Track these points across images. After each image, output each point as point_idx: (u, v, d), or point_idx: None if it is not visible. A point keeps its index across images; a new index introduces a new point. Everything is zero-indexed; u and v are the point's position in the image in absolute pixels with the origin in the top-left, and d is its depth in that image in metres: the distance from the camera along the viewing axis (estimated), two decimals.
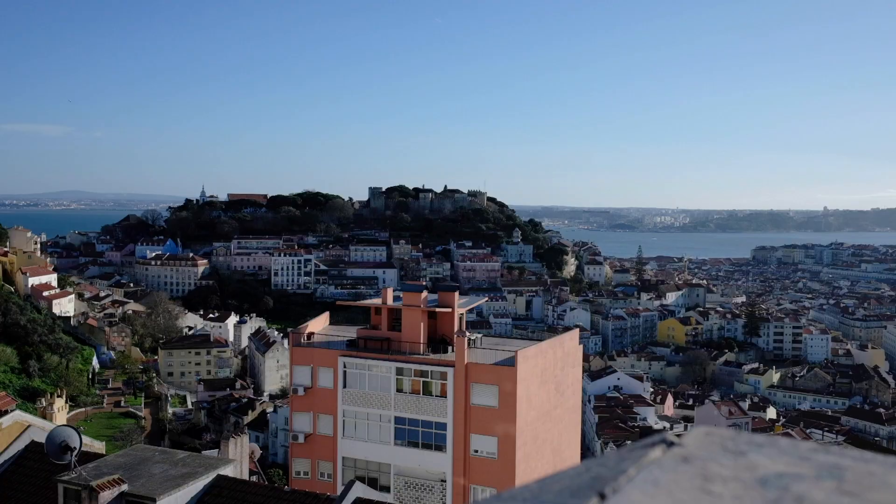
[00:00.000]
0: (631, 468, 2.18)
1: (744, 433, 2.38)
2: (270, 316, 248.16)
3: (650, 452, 2.29)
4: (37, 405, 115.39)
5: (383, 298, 53.64)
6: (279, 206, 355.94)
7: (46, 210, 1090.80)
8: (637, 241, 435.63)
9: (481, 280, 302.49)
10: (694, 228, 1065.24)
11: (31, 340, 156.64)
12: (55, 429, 21.12)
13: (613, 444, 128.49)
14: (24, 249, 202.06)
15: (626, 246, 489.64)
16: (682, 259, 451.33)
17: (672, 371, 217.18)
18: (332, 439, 51.56)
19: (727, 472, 2.16)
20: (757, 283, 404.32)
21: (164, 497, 19.19)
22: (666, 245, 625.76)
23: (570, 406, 55.84)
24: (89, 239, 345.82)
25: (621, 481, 2.11)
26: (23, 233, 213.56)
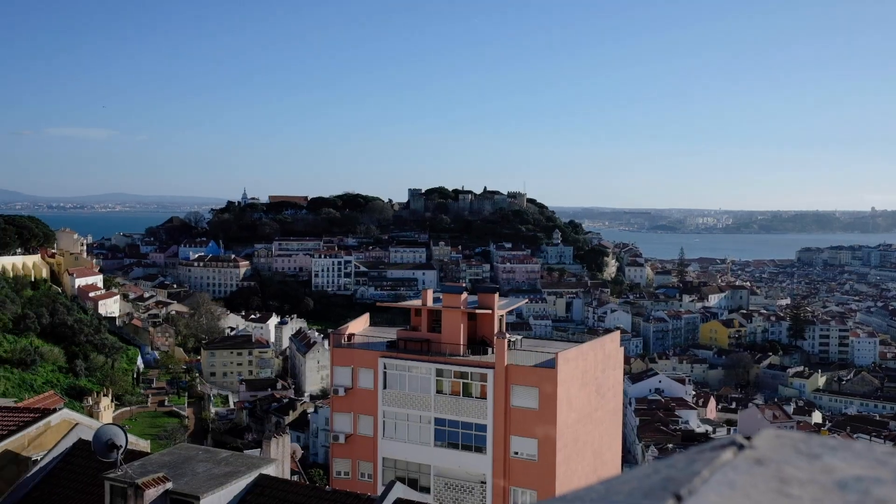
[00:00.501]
0: (704, 470, 2.16)
1: (815, 436, 2.35)
2: (311, 317, 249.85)
3: (721, 454, 2.26)
4: (83, 404, 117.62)
5: (423, 300, 53.67)
6: (319, 207, 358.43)
7: (92, 212, 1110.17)
8: (679, 243, 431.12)
9: (521, 282, 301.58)
10: (737, 230, 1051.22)
11: (77, 340, 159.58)
12: (102, 427, 21.44)
13: (655, 447, 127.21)
14: (70, 251, 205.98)
15: (667, 247, 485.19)
16: (725, 260, 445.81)
17: (714, 374, 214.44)
18: (372, 440, 51.73)
19: (804, 475, 2.12)
20: (802, 285, 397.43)
21: (207, 495, 19.37)
22: (708, 246, 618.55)
23: (611, 408, 55.40)
24: (134, 241, 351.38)
25: (696, 483, 2.09)
26: (69, 235, 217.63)
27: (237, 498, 20.32)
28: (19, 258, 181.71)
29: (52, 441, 24.78)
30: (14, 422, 25.50)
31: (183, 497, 19.21)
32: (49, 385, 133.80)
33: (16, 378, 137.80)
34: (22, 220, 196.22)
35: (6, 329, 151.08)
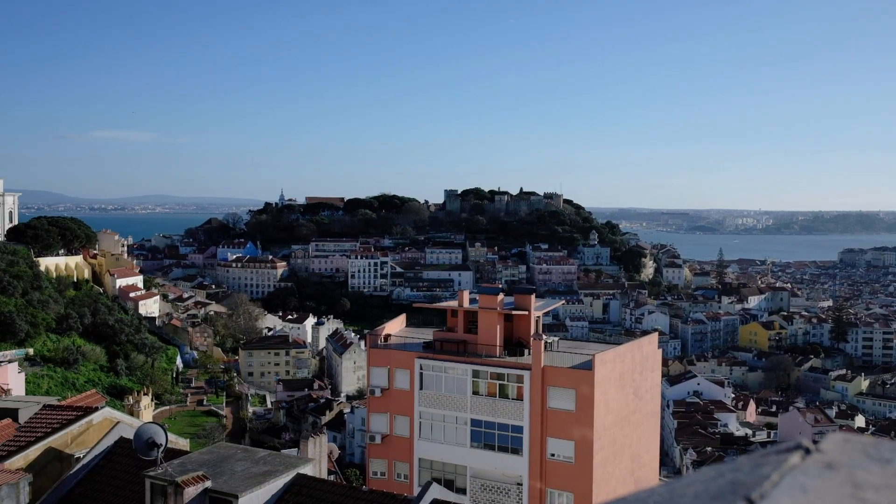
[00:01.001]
0: (773, 474, 2.13)
1: (885, 440, 2.31)
2: (347, 317, 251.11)
3: (789, 458, 2.23)
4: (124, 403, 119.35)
5: (459, 301, 53.58)
6: (356, 208, 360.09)
7: (133, 214, 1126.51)
8: (718, 244, 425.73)
9: (557, 283, 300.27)
10: (777, 230, 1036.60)
11: (118, 340, 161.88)
12: (142, 426, 21.69)
13: (693, 450, 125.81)
14: (112, 252, 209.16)
15: (706, 248, 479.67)
16: (765, 262, 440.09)
17: (754, 377, 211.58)
18: (408, 440, 51.77)
19: (877, 479, 2.09)
20: (845, 286, 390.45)
21: (245, 494, 19.49)
22: (748, 247, 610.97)
23: (649, 411, 54.86)
24: (173, 242, 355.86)
25: (766, 487, 2.07)
26: (111, 236, 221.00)
27: (275, 497, 20.42)
28: (62, 259, 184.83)
29: (94, 439, 25.11)
30: (57, 420, 25.90)
31: (221, 495, 19.36)
32: (91, 384, 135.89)
33: (59, 377, 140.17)
34: (65, 221, 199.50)
35: (49, 328, 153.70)
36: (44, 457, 24.52)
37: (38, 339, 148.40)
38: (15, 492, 22.20)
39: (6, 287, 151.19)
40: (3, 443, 24.65)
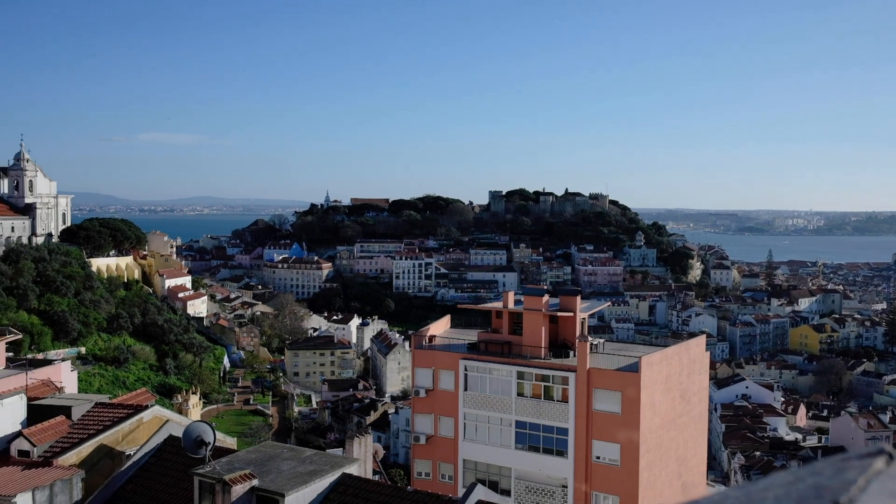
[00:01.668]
0: (859, 479, 2.10)
1: None
2: (392, 318, 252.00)
3: (873, 463, 2.19)
4: (173, 401, 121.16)
5: (504, 302, 53.41)
6: (401, 209, 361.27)
7: (181, 215, 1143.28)
8: (767, 245, 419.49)
9: (603, 284, 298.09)
10: (829, 231, 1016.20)
11: (167, 339, 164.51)
12: (191, 424, 21.97)
13: (741, 454, 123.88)
14: (161, 253, 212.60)
15: (755, 250, 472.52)
16: (817, 263, 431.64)
17: (805, 380, 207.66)
18: (453, 441, 51.75)
19: None
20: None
21: (292, 493, 19.63)
22: (798, 249, 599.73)
23: (696, 414, 54.13)
24: (220, 243, 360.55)
25: (854, 491, 2.04)
26: (160, 237, 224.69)
27: (321, 496, 20.53)
28: (113, 259, 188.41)
29: (144, 436, 25.51)
30: (109, 417, 26.37)
31: (268, 494, 19.52)
32: (141, 382, 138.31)
33: (110, 375, 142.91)
34: (116, 222, 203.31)
35: (101, 328, 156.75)
36: (96, 453, 24.97)
37: (89, 339, 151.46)
38: (68, 487, 22.65)
39: (59, 287, 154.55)
40: (57, 439, 25.16)
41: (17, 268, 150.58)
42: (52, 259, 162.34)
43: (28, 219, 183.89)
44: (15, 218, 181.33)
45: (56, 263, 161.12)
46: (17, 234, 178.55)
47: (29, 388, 31.00)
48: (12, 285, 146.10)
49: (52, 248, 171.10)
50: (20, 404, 26.32)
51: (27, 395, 27.32)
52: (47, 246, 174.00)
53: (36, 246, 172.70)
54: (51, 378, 41.66)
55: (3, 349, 53.99)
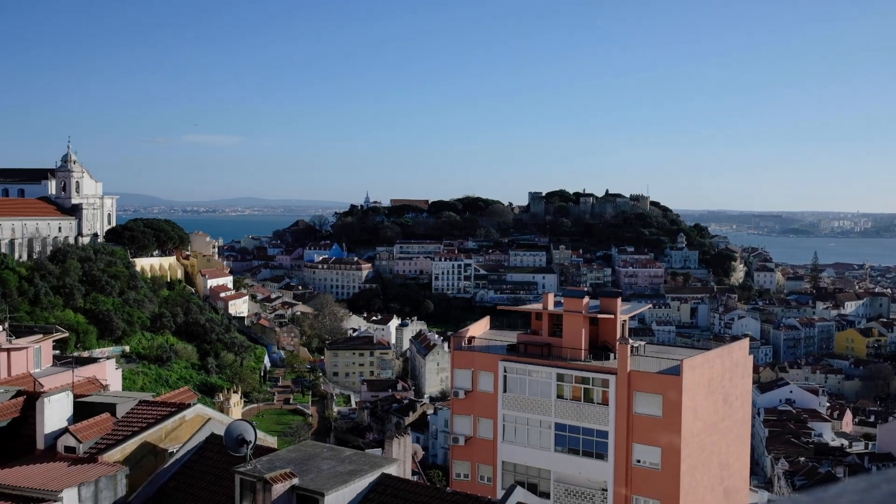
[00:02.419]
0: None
1: None
2: (431, 319, 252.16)
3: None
4: (214, 400, 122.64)
5: (544, 303, 53.11)
6: (440, 210, 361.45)
7: (223, 216, 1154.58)
8: (812, 247, 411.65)
9: (643, 286, 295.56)
10: (877, 233, 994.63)
11: (209, 339, 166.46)
12: (233, 423, 22.15)
13: (785, 460, 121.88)
14: (203, 253, 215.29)
15: (799, 252, 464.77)
16: (864, 266, 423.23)
17: (851, 385, 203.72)
18: (491, 443, 51.59)
19: None
20: None
21: (332, 492, 19.69)
22: (845, 251, 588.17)
23: (739, 418, 53.34)
24: (261, 243, 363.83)
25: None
26: (202, 238, 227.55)
27: (360, 496, 20.56)
28: (156, 259, 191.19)
29: (186, 434, 25.78)
30: (153, 415, 26.70)
31: (308, 493, 19.59)
32: (183, 381, 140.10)
33: (153, 373, 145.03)
34: (159, 223, 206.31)
35: (144, 327, 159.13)
36: (140, 450, 25.30)
37: (133, 337, 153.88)
38: (112, 484, 22.96)
39: (105, 286, 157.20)
40: (102, 436, 25.53)
41: (64, 267, 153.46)
42: (98, 259, 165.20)
43: (74, 219, 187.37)
44: (62, 218, 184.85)
45: (101, 263, 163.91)
46: (63, 235, 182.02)
47: (75, 385, 31.51)
48: (59, 284, 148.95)
49: (98, 248, 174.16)
50: (67, 401, 26.76)
51: (73, 392, 27.76)
52: (93, 246, 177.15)
53: (82, 246, 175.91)
54: (96, 376, 42.37)
55: (51, 347, 55.07)
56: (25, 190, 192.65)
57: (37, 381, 38.58)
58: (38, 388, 34.55)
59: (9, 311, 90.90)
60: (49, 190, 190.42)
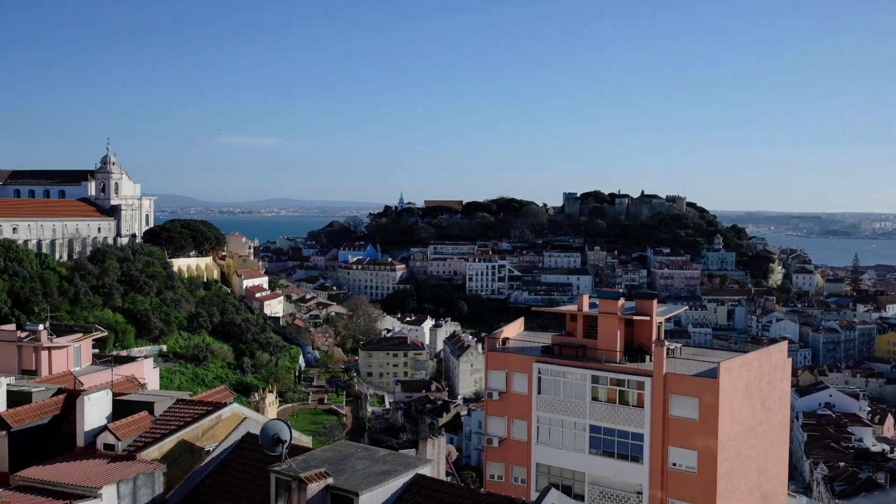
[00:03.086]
0: None
1: None
2: (465, 320, 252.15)
3: None
4: (250, 399, 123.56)
5: (579, 305, 52.78)
6: (474, 211, 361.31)
7: (259, 217, 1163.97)
8: (853, 249, 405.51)
9: (679, 288, 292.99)
10: None
11: (244, 338, 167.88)
12: (268, 422, 22.28)
13: (825, 465, 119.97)
14: (239, 254, 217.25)
15: (839, 253, 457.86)
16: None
17: (892, 389, 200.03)
18: (526, 445, 51.40)
19: None
20: None
21: (366, 492, 19.72)
22: (887, 252, 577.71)
23: (777, 422, 52.59)
24: (296, 244, 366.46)
25: None
26: (238, 238, 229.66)
27: (394, 496, 20.58)
28: (193, 260, 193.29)
29: (223, 433, 25.99)
30: (190, 414, 26.96)
31: (343, 493, 19.63)
32: (219, 380, 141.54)
33: (189, 373, 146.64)
34: (196, 224, 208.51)
35: (181, 326, 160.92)
36: (177, 449, 25.56)
37: (170, 337, 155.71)
38: (150, 481, 23.23)
39: (143, 286, 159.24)
40: (140, 434, 25.84)
41: (103, 267, 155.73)
42: (136, 259, 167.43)
43: (113, 220, 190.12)
44: (101, 219, 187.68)
45: (139, 263, 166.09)
46: (103, 235, 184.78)
47: (114, 383, 31.94)
48: (98, 284, 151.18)
49: (136, 249, 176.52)
50: (106, 399, 27.12)
51: (112, 390, 28.12)
52: (131, 246, 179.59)
53: (120, 246, 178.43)
54: (134, 374, 42.90)
55: (90, 346, 55.88)
56: (66, 191, 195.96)
57: (77, 379, 39.15)
58: (78, 386, 35.06)
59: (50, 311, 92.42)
60: (89, 191, 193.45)
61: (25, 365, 49.57)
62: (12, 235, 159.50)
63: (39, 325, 52.59)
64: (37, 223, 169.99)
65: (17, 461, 26.23)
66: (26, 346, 50.07)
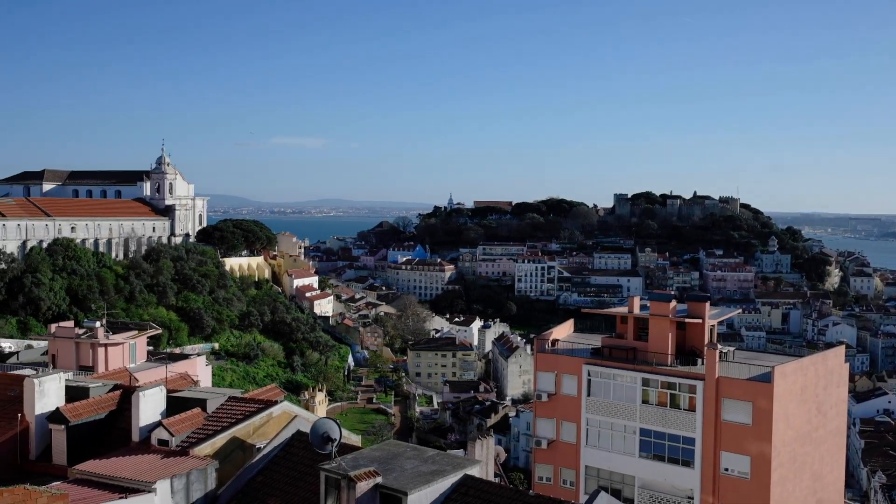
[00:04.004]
0: None
1: None
2: (513, 321, 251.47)
3: None
4: (300, 397, 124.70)
5: (630, 307, 52.27)
6: (524, 212, 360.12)
7: (309, 217, 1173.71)
8: None
9: (732, 290, 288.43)
10: None
11: (295, 337, 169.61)
12: (318, 420, 22.42)
13: (883, 473, 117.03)
14: (290, 253, 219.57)
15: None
16: None
17: None
18: (575, 447, 51.06)
19: None
20: None
21: (414, 492, 19.72)
22: None
23: (833, 428, 51.44)
24: (346, 244, 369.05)
25: None
26: (289, 238, 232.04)
27: (443, 496, 20.54)
28: (245, 259, 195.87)
29: (273, 431, 26.25)
30: (241, 411, 27.29)
31: (392, 492, 19.66)
32: (269, 378, 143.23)
33: (240, 370, 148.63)
34: (248, 224, 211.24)
35: (233, 325, 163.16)
36: (229, 445, 25.88)
37: (222, 335, 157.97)
38: (203, 477, 23.55)
39: (196, 285, 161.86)
40: (193, 430, 26.22)
41: (158, 266, 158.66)
42: (189, 258, 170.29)
43: (167, 220, 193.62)
44: (156, 219, 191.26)
45: (193, 262, 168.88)
46: (157, 234, 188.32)
47: (168, 380, 32.47)
48: (153, 283, 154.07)
49: (189, 248, 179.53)
50: (160, 396, 27.59)
51: (166, 387, 28.59)
52: (185, 245, 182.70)
53: (174, 245, 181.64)
54: (187, 372, 43.57)
55: (145, 343, 56.93)
56: (122, 191, 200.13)
57: (132, 375, 39.89)
58: (133, 382, 35.71)
59: (106, 308, 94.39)
60: (144, 191, 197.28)
61: (83, 361, 50.66)
62: (71, 234, 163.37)
63: (96, 323, 53.69)
64: (94, 222, 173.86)
65: (75, 455, 26.82)
66: (84, 342, 51.16)
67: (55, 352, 51.71)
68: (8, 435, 28.20)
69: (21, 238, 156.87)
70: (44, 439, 28.33)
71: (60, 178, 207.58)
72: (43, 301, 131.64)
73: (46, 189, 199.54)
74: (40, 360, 54.18)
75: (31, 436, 28.35)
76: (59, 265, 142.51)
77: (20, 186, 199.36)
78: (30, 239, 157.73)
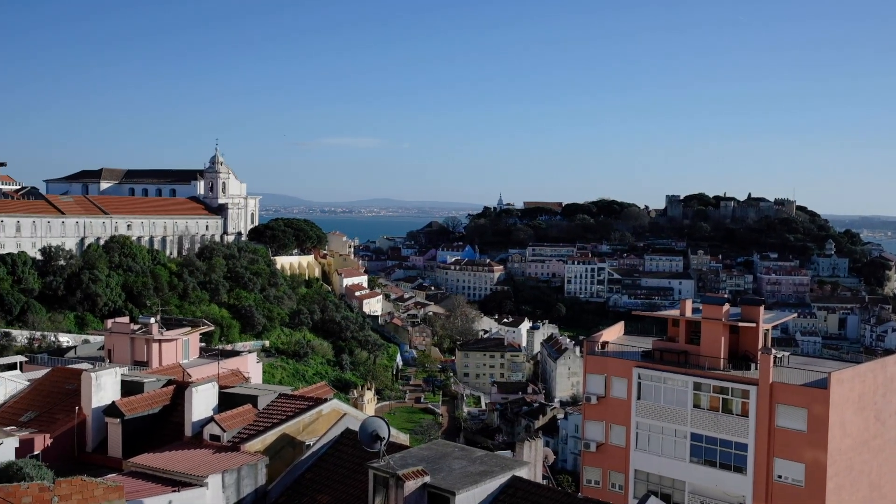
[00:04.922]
0: None
1: None
2: (563, 323, 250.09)
3: None
4: (349, 396, 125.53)
5: (682, 310, 51.59)
6: (574, 213, 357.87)
7: (359, 217, 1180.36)
8: None
9: (787, 294, 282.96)
10: None
11: (344, 336, 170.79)
12: (367, 419, 22.51)
13: None
14: (340, 253, 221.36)
15: None
16: None
17: None
18: (624, 451, 50.55)
19: None
20: None
21: (462, 492, 19.68)
22: None
23: (893, 437, 50.10)
24: (396, 244, 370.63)
25: None
26: (339, 237, 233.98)
27: (490, 497, 20.46)
28: (296, 258, 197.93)
29: (322, 428, 26.45)
30: (291, 408, 27.58)
31: (440, 491, 19.65)
32: (318, 376, 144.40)
33: (290, 368, 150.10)
34: (299, 223, 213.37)
35: (283, 323, 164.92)
36: (279, 442, 26.17)
37: (273, 332, 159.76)
38: (253, 472, 23.83)
39: (247, 283, 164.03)
40: (245, 426, 26.56)
41: (210, 264, 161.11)
42: (241, 256, 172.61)
43: (220, 218, 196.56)
44: (209, 217, 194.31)
45: (244, 261, 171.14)
46: (210, 233, 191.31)
47: (220, 376, 32.93)
48: (206, 280, 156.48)
49: (241, 247, 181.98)
50: (213, 391, 27.97)
51: (218, 383, 28.98)
52: (237, 244, 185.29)
53: (227, 244, 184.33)
54: (239, 368, 44.18)
55: (198, 340, 57.86)
56: (176, 190, 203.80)
57: (185, 371, 40.57)
58: (186, 378, 36.31)
59: (160, 305, 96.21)
60: (198, 190, 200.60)
61: (138, 356, 51.70)
62: (127, 232, 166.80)
63: (151, 319, 54.76)
64: (149, 220, 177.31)
65: (130, 448, 27.35)
66: (139, 338, 52.20)
67: (111, 347, 52.87)
68: (66, 427, 28.90)
69: (79, 235, 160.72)
70: (100, 432, 28.97)
71: (117, 176, 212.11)
72: (100, 297, 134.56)
73: (104, 187, 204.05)
74: (97, 355, 55.46)
75: (88, 428, 29.01)
76: (115, 262, 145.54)
77: (79, 185, 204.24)
78: (88, 236, 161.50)
